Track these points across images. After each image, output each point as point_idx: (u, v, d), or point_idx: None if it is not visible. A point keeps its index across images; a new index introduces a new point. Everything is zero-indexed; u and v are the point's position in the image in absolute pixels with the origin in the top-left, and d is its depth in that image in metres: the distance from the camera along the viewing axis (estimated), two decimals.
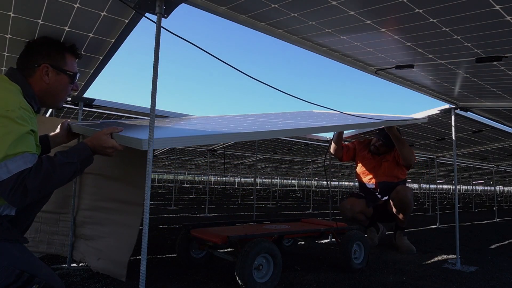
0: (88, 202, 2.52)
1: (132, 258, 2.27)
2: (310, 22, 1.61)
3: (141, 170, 2.31)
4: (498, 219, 7.75)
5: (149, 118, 1.42)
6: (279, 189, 26.88)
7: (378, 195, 3.56)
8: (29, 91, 1.38)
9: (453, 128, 3.03)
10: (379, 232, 3.74)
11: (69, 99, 2.69)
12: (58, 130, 1.77)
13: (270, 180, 24.59)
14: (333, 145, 3.72)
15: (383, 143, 3.50)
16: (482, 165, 7.87)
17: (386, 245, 3.68)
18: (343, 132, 3.72)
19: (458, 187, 21.32)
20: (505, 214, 9.56)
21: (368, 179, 3.62)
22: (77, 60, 1.59)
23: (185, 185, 27.00)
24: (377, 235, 3.70)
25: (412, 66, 2.10)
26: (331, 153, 3.83)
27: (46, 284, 1.23)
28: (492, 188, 28.58)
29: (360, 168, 3.72)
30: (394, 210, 3.33)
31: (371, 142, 3.65)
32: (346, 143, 3.83)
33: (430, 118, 3.49)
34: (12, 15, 1.48)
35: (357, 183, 4.03)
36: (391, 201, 3.37)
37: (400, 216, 3.32)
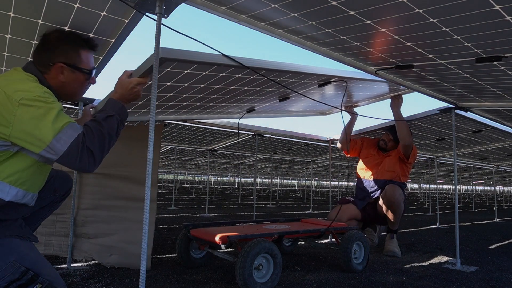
0: (89, 202, 2.55)
1: (150, 255, 2.33)
2: (310, 22, 1.61)
3: (144, 168, 2.34)
4: (498, 219, 7.75)
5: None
6: (279, 189, 26.88)
7: (371, 192, 3.51)
8: (45, 84, 1.39)
9: (453, 128, 3.03)
10: (377, 231, 3.74)
11: None
12: (84, 115, 1.86)
13: (270, 180, 24.60)
14: (340, 138, 3.74)
15: (393, 138, 3.51)
16: (482, 165, 7.87)
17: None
18: (353, 125, 3.74)
19: (458, 187, 21.32)
20: (505, 214, 9.56)
21: (368, 175, 3.60)
22: (94, 52, 1.56)
23: (185, 185, 27.00)
24: (376, 234, 3.69)
25: (412, 66, 2.10)
26: (338, 147, 3.87)
27: (49, 285, 1.24)
28: (492, 188, 28.59)
29: (361, 165, 3.71)
30: (384, 210, 3.30)
31: (381, 137, 3.66)
32: (354, 139, 3.83)
33: (430, 117, 3.49)
34: (12, 15, 1.48)
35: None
36: (380, 200, 3.34)
37: (390, 216, 3.28)
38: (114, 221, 2.48)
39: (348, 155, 3.83)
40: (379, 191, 3.45)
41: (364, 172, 3.66)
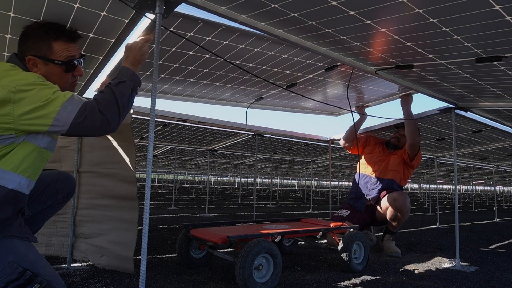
0: (85, 201, 2.54)
1: (132, 258, 2.27)
2: (310, 22, 1.62)
3: (129, 165, 2.33)
4: (498, 219, 7.75)
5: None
6: (279, 189, 26.88)
7: (371, 190, 3.45)
8: None
9: (453, 128, 3.03)
10: (372, 230, 3.75)
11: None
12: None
13: (270, 180, 24.60)
14: (345, 136, 3.73)
15: (405, 135, 3.41)
16: (482, 165, 7.87)
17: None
18: (360, 125, 3.73)
19: (458, 187, 21.32)
20: (505, 214, 9.56)
21: (369, 172, 3.53)
22: (74, 42, 1.47)
23: (185, 185, 27.01)
24: (372, 233, 3.70)
25: (412, 66, 2.10)
26: (340, 144, 3.88)
27: (48, 284, 1.24)
28: (492, 188, 28.59)
29: (364, 160, 3.64)
30: (389, 216, 3.23)
31: (393, 135, 3.60)
32: (358, 135, 3.79)
33: (430, 117, 3.49)
34: (12, 15, 1.48)
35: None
36: (385, 205, 3.27)
37: (394, 223, 3.24)
38: (105, 220, 2.43)
39: (350, 151, 3.82)
40: (379, 190, 3.40)
41: (366, 167, 3.57)
